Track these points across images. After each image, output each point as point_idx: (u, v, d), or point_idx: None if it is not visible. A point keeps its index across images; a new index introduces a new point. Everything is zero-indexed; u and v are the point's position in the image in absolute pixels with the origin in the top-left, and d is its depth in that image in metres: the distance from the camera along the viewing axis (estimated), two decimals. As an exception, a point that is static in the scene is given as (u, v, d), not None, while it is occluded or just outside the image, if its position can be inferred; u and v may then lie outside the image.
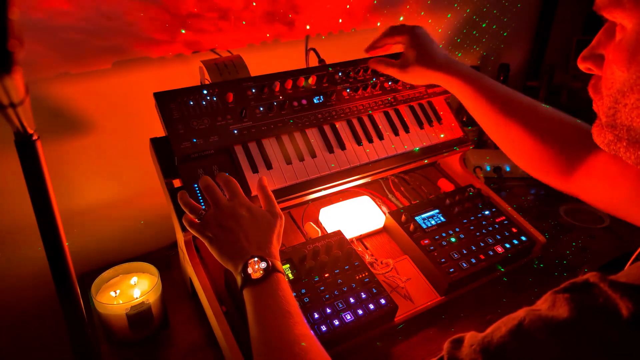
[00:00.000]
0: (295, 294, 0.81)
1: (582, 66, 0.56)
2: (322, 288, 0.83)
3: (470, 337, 0.50)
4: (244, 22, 1.07)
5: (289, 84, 0.96)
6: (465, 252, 0.93)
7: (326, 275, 0.85)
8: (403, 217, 0.99)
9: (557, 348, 0.43)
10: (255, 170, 0.87)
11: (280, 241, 0.77)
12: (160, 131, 0.86)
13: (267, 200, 0.80)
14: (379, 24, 1.29)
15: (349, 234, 0.97)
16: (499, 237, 0.98)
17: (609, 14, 0.50)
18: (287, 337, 0.62)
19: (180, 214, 0.81)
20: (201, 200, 0.82)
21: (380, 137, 1.00)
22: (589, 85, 0.56)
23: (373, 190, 1.12)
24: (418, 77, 0.93)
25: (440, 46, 0.94)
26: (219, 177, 0.81)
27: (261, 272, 0.68)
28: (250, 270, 0.68)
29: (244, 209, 0.75)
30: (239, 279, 0.70)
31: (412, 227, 0.97)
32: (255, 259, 0.69)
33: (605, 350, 0.41)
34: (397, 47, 1.00)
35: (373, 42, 0.99)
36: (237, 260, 0.71)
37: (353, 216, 1.03)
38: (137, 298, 0.87)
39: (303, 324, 0.65)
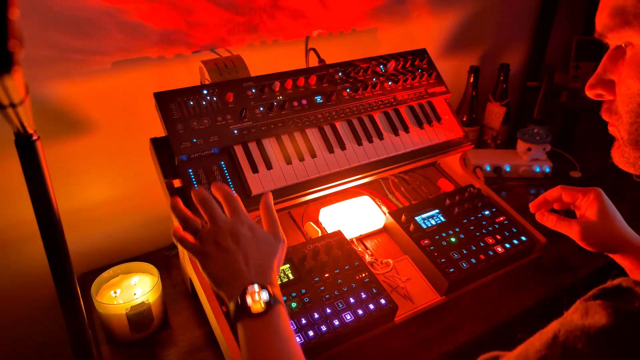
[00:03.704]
0: (295, 293, 0.81)
1: (592, 93, 0.56)
2: (322, 288, 0.83)
3: (504, 358, 0.49)
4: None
5: (289, 84, 0.96)
6: (465, 252, 0.93)
7: (326, 275, 0.85)
8: (403, 217, 0.99)
9: (600, 356, 0.41)
10: (255, 170, 0.87)
11: (280, 268, 0.72)
12: (160, 131, 0.86)
13: (271, 220, 0.73)
14: (379, 24, 1.29)
15: (349, 234, 0.98)
16: (499, 237, 0.98)
17: (616, 35, 0.51)
18: None
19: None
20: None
21: (380, 137, 1.00)
22: (602, 111, 0.57)
23: (373, 190, 1.12)
24: (599, 246, 0.81)
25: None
26: (217, 188, 0.74)
27: (262, 304, 0.61)
28: (249, 300, 0.61)
29: (245, 228, 0.68)
30: (232, 307, 0.62)
31: (412, 227, 0.97)
32: (255, 286, 0.62)
33: None
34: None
35: (543, 201, 0.87)
36: (233, 285, 0.63)
37: (353, 216, 1.03)
38: (137, 298, 0.87)
39: None
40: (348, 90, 1.01)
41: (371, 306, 0.82)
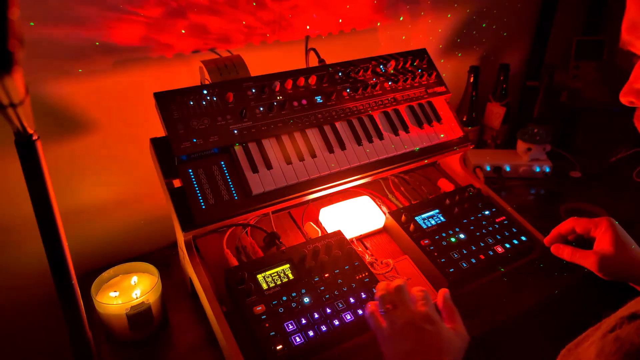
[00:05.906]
0: (295, 294, 0.81)
1: (624, 100, 0.59)
2: (322, 288, 0.83)
3: None
4: (244, 23, 1.07)
5: (289, 84, 0.96)
6: (465, 252, 0.93)
7: (326, 275, 0.85)
8: (403, 217, 0.99)
9: None
10: (255, 170, 0.87)
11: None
12: (160, 131, 0.86)
13: (453, 316, 0.74)
14: (378, 24, 1.29)
15: (349, 234, 0.97)
16: (499, 237, 0.98)
17: (631, 48, 0.54)
18: None
19: (180, 213, 0.81)
20: None
21: (380, 137, 1.00)
22: (634, 118, 0.60)
23: (373, 190, 1.12)
24: (617, 277, 0.83)
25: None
26: (415, 287, 0.77)
27: None
28: None
29: (428, 322, 0.69)
30: None
31: (412, 227, 0.97)
32: None
33: None
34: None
35: (556, 235, 0.91)
36: None
37: (353, 216, 1.03)
38: (137, 298, 0.87)
39: None
40: (348, 90, 1.01)
41: (371, 306, 0.82)
